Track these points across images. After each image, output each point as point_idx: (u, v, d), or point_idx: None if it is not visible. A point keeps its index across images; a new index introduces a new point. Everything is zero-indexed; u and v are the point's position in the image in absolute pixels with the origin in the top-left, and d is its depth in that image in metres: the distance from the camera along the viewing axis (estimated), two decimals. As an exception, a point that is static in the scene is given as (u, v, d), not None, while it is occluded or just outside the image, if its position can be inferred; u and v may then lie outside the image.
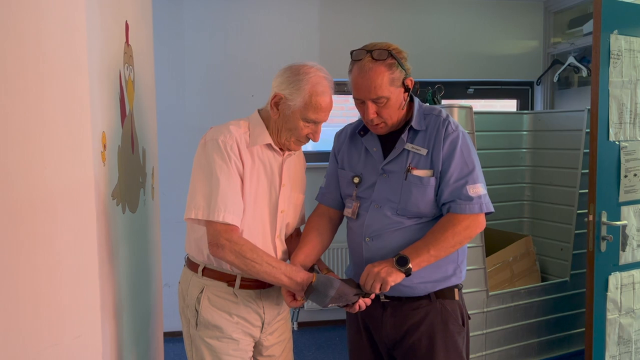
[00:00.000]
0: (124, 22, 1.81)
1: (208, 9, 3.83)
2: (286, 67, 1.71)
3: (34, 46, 1.25)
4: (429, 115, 1.76)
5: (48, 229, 1.30)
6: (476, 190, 1.66)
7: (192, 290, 1.73)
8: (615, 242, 2.51)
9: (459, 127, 1.73)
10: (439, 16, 4.08)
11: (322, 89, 1.67)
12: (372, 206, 1.74)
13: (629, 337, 2.63)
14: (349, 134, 1.90)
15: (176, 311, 1.83)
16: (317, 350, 3.72)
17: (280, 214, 1.75)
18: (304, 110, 1.65)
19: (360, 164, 1.81)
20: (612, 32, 2.42)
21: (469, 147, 1.71)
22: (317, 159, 4.09)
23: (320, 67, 1.71)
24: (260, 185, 1.70)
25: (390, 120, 1.71)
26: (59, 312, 1.32)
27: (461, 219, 1.64)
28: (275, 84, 1.69)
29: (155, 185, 2.41)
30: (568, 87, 4.20)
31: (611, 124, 2.46)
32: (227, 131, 1.66)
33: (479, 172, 1.70)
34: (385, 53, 1.65)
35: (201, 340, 1.71)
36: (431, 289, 1.72)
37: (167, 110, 3.66)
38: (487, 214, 1.69)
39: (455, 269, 1.76)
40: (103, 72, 1.50)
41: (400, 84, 1.68)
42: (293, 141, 1.71)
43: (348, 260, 1.94)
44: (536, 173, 3.73)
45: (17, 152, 1.24)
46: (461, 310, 1.77)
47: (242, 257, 1.58)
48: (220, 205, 1.59)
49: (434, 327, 1.72)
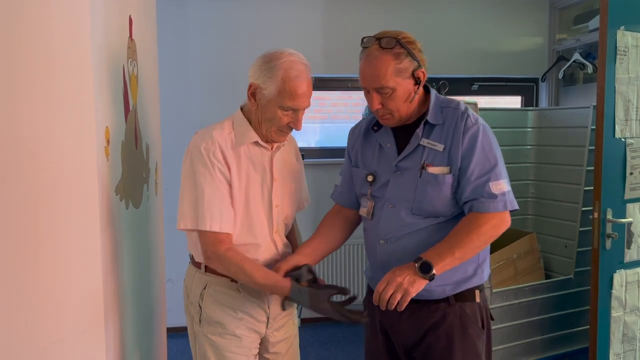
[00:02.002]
0: (128, 16, 1.80)
1: (212, 3, 3.82)
2: (260, 55, 1.65)
3: (37, 41, 1.24)
4: (446, 108, 1.66)
5: (51, 224, 1.29)
6: (500, 187, 1.56)
7: (195, 286, 1.73)
8: (621, 239, 2.49)
9: (479, 120, 1.63)
10: (443, 12, 4.06)
11: (296, 73, 1.58)
12: (386, 205, 1.66)
13: (634, 335, 2.61)
14: (363, 129, 1.80)
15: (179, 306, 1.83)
16: (320, 347, 3.72)
17: (275, 208, 1.73)
18: (279, 98, 1.58)
19: (375, 161, 1.72)
20: (618, 28, 2.40)
21: (491, 141, 1.61)
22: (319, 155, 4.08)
23: (294, 51, 1.64)
24: (251, 184, 1.68)
25: (398, 113, 1.62)
26: (63, 308, 1.32)
27: (487, 218, 1.55)
28: (250, 73, 1.63)
29: (158, 181, 2.41)
30: (573, 84, 4.18)
31: (617, 121, 2.44)
32: (209, 137, 1.63)
33: (501, 167, 1.60)
34: (392, 41, 1.56)
35: (204, 337, 1.70)
36: (450, 291, 1.64)
37: (170, 106, 3.64)
38: (512, 211, 1.60)
39: (477, 268, 1.67)
40: (106, 66, 1.50)
41: (408, 75, 1.59)
42: (274, 131, 1.65)
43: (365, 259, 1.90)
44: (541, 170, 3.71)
45: (20, 146, 1.24)
46: (482, 313, 1.68)
47: (228, 270, 1.64)
48: (207, 214, 1.58)
49: (452, 331, 1.64)
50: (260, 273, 1.62)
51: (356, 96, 4.33)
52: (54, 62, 1.27)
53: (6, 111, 1.21)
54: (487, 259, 1.72)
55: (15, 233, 1.24)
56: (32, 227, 1.27)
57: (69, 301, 1.33)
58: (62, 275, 1.31)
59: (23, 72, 1.23)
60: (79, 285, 1.35)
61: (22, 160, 1.25)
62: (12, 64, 1.22)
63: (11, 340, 1.26)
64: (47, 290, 1.30)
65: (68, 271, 1.33)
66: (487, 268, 1.72)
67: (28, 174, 1.25)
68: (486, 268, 1.71)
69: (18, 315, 1.26)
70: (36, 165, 1.26)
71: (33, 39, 1.24)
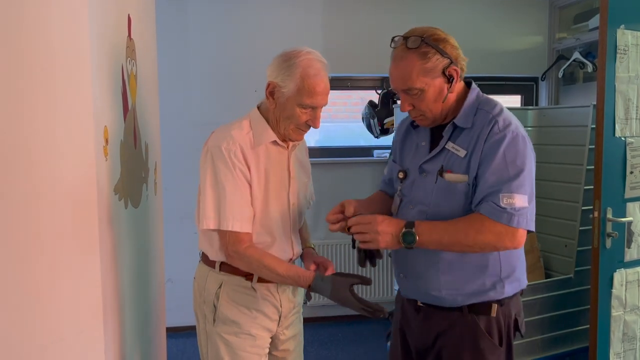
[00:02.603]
0: (127, 15, 1.79)
1: (212, 3, 3.81)
2: (278, 54, 1.66)
3: (36, 40, 1.24)
4: (481, 110, 1.55)
5: (50, 223, 1.29)
6: (510, 201, 1.44)
7: (209, 285, 1.72)
8: (621, 238, 2.49)
9: (510, 127, 1.50)
10: (442, 12, 4.06)
11: (314, 71, 1.60)
12: (408, 206, 1.63)
13: (634, 334, 2.61)
14: (407, 124, 1.75)
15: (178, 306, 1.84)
16: (320, 347, 3.71)
17: (292, 207, 1.76)
18: (298, 95, 1.60)
19: (409, 158, 1.68)
20: (618, 27, 2.39)
21: (518, 151, 1.48)
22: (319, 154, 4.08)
23: (311, 50, 1.65)
24: (271, 184, 1.70)
25: (430, 113, 1.56)
26: (62, 307, 1.32)
27: (491, 224, 1.45)
28: (269, 72, 1.65)
29: (157, 180, 2.41)
30: (573, 83, 4.17)
31: (617, 120, 2.44)
32: (230, 137, 1.63)
33: (524, 182, 1.46)
34: (417, 40, 1.49)
35: (218, 337, 1.70)
36: (462, 301, 1.58)
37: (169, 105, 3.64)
38: (528, 231, 1.49)
39: (496, 283, 1.57)
40: (105, 66, 1.49)
41: (438, 74, 1.51)
42: (292, 129, 1.66)
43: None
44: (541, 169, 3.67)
45: (19, 146, 1.23)
46: (500, 328, 1.59)
47: (250, 267, 1.65)
48: (229, 214, 1.61)
49: (463, 341, 1.59)
50: (282, 266, 1.63)
51: (356, 95, 4.32)
52: (53, 62, 1.27)
53: (5, 110, 1.21)
54: (513, 274, 1.61)
55: (14, 232, 1.24)
56: (31, 227, 1.26)
57: (68, 301, 1.33)
58: (61, 274, 1.31)
59: (22, 71, 1.23)
60: (77, 285, 1.35)
61: (21, 159, 1.24)
62: (11, 63, 1.21)
63: (10, 340, 1.25)
64: (46, 290, 1.29)
65: (67, 271, 1.32)
66: (513, 284, 1.61)
67: (27, 174, 1.25)
68: (511, 284, 1.60)
69: (17, 314, 1.26)
70: (35, 165, 1.26)
71: (32, 37, 1.23)
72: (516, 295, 1.64)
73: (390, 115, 3.73)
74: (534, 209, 1.50)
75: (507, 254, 1.59)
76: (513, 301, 1.63)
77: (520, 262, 1.64)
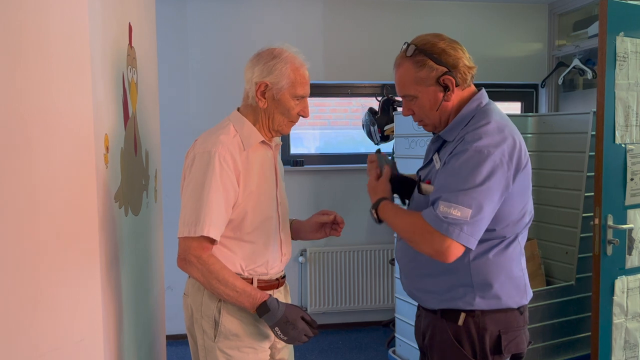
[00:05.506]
0: (127, 23, 1.80)
1: (211, 11, 3.83)
2: (254, 56, 1.71)
3: (36, 48, 1.24)
4: (469, 124, 1.52)
5: (50, 231, 1.29)
6: (447, 210, 1.39)
7: (208, 300, 1.67)
8: (622, 245, 2.49)
9: (478, 142, 1.42)
10: (443, 18, 4.07)
11: (299, 62, 1.69)
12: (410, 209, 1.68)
13: (635, 341, 2.60)
14: None
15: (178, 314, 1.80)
16: (320, 354, 3.70)
17: (280, 206, 1.77)
18: (292, 88, 1.66)
19: (424, 164, 1.71)
20: (618, 34, 2.40)
21: (476, 166, 1.40)
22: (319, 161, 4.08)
23: (283, 43, 1.72)
24: (261, 185, 1.70)
25: (428, 120, 1.58)
26: (61, 315, 1.31)
27: (425, 226, 1.43)
28: (255, 74, 1.67)
29: (158, 188, 2.41)
30: (573, 90, 4.18)
31: (617, 127, 2.44)
32: (219, 142, 1.62)
33: (475, 196, 1.38)
34: (412, 48, 1.52)
35: (220, 352, 1.66)
36: (436, 305, 1.58)
37: (170, 113, 3.65)
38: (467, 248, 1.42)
39: (466, 293, 1.53)
40: (106, 74, 1.50)
41: (432, 83, 1.51)
42: (285, 124, 1.72)
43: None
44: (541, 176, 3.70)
45: (20, 154, 1.24)
46: (472, 340, 1.54)
47: (206, 277, 1.60)
48: (207, 219, 1.57)
49: (437, 344, 1.59)
50: (240, 280, 1.62)
51: (356, 102, 4.33)
52: (53, 70, 1.27)
53: (5, 118, 1.21)
54: (490, 290, 1.53)
55: (14, 240, 1.24)
56: (31, 235, 1.26)
57: (67, 308, 1.32)
58: (61, 282, 1.31)
59: (22, 78, 1.23)
60: (77, 293, 1.34)
61: (21, 167, 1.24)
62: (11, 71, 1.22)
63: (9, 348, 1.25)
64: (45, 298, 1.29)
65: (67, 278, 1.32)
66: (489, 300, 1.53)
67: (27, 181, 1.25)
68: (485, 299, 1.53)
69: (17, 322, 1.26)
70: (35, 173, 1.26)
71: (32, 46, 1.24)
72: (496, 312, 1.55)
73: (390, 122, 3.73)
74: (478, 228, 1.41)
75: (479, 265, 1.52)
76: (490, 317, 1.54)
77: (500, 281, 1.53)
